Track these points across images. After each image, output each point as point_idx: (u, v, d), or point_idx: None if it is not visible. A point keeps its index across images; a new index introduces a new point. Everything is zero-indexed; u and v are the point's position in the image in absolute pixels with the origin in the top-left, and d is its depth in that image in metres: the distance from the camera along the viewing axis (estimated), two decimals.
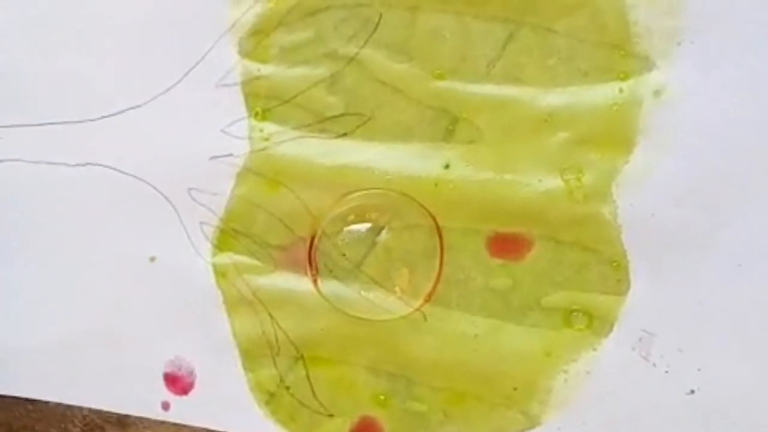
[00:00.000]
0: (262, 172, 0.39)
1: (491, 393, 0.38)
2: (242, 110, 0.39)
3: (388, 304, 0.38)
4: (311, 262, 0.39)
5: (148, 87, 0.39)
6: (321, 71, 0.38)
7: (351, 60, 0.37)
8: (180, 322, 0.41)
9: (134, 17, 0.39)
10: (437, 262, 0.38)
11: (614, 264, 0.36)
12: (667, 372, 0.36)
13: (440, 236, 0.37)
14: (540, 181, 0.36)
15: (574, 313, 0.37)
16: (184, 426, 0.42)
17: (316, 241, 0.39)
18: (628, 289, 0.36)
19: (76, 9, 0.40)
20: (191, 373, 0.41)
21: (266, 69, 0.38)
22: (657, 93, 0.34)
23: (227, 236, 0.40)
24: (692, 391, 0.36)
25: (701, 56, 0.34)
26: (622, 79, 0.35)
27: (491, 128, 0.36)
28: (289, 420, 0.40)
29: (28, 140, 0.41)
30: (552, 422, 0.37)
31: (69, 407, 0.44)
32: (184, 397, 0.42)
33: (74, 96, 0.40)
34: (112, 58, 0.40)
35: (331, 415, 0.40)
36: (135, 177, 0.40)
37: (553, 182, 0.36)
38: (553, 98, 0.35)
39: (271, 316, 0.40)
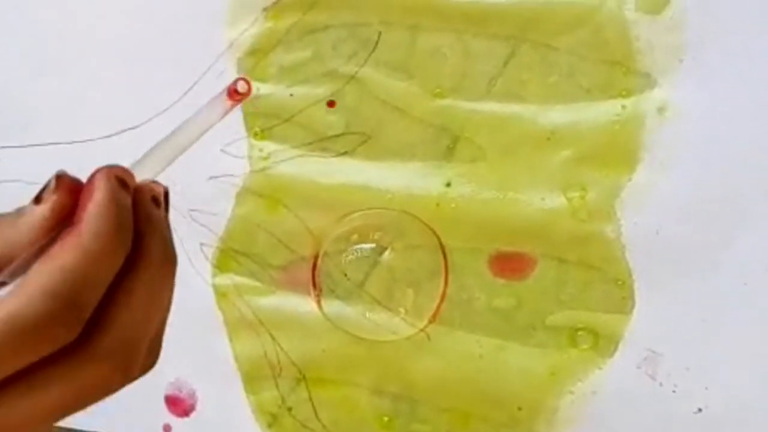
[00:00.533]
0: (262, 192, 0.39)
1: (496, 413, 0.38)
2: (241, 130, 0.39)
3: (391, 324, 0.38)
4: (314, 283, 0.39)
5: (146, 107, 0.39)
6: (321, 90, 0.37)
7: (351, 79, 0.37)
8: (180, 344, 0.41)
9: (132, 39, 0.39)
10: (441, 282, 0.37)
11: (619, 282, 0.36)
12: (674, 391, 0.36)
13: (445, 255, 0.37)
14: (543, 199, 0.36)
15: (579, 332, 0.36)
16: None
17: (318, 261, 0.39)
18: (633, 307, 0.36)
19: (75, 32, 0.40)
20: (192, 395, 0.41)
21: (265, 88, 0.38)
22: (660, 110, 0.34)
23: (227, 257, 0.40)
24: (699, 410, 0.35)
25: (703, 73, 0.33)
26: (625, 96, 0.34)
27: (493, 146, 0.36)
28: None
29: (27, 161, 0.41)
30: None
31: (69, 431, 0.43)
32: (186, 420, 0.41)
33: (73, 117, 0.40)
34: (111, 80, 0.40)
35: None
36: None
37: (556, 200, 0.36)
38: (555, 115, 0.35)
39: (273, 338, 0.40)
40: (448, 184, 0.37)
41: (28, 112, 0.41)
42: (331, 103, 0.37)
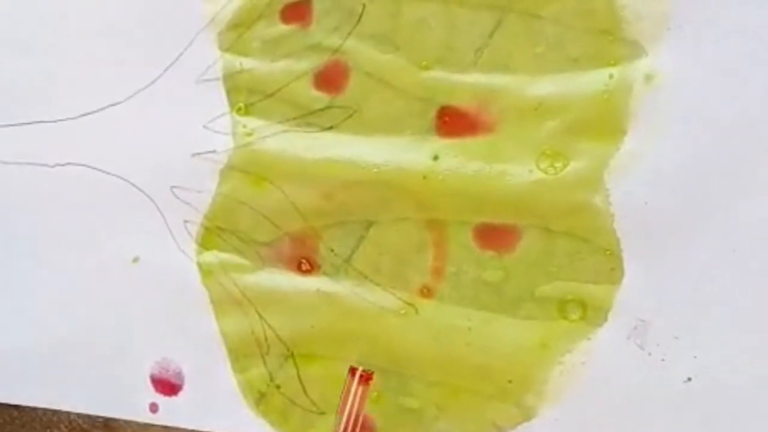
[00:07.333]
0: (246, 169, 0.38)
1: (486, 386, 0.38)
2: (224, 105, 0.38)
3: (379, 299, 0.38)
4: (300, 258, 0.39)
5: (127, 84, 0.39)
6: (305, 64, 0.37)
7: (335, 52, 0.37)
8: (166, 323, 0.41)
9: (111, 14, 0.39)
10: (431, 256, 0.37)
11: (607, 252, 0.36)
12: (663, 360, 0.36)
13: (436, 229, 0.37)
14: (530, 171, 0.36)
15: (569, 303, 0.36)
16: (173, 428, 0.42)
17: (303, 236, 0.38)
18: (621, 277, 0.36)
19: (53, 7, 0.39)
20: (179, 374, 0.41)
21: (248, 63, 0.38)
22: (648, 78, 0.34)
23: (212, 234, 0.39)
24: (689, 379, 0.36)
25: (691, 41, 0.33)
26: (612, 65, 0.34)
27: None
28: (281, 419, 0.40)
29: (6, 140, 0.41)
30: (548, 414, 0.37)
31: (55, 412, 0.43)
32: (173, 399, 0.41)
33: (53, 95, 0.40)
34: (90, 56, 0.39)
35: (323, 413, 0.40)
36: (116, 176, 0.40)
37: (544, 171, 0.36)
38: (542, 86, 0.35)
39: (260, 315, 0.39)
40: (436, 157, 0.36)
41: (6, 91, 0.40)
42: (316, 77, 0.37)
